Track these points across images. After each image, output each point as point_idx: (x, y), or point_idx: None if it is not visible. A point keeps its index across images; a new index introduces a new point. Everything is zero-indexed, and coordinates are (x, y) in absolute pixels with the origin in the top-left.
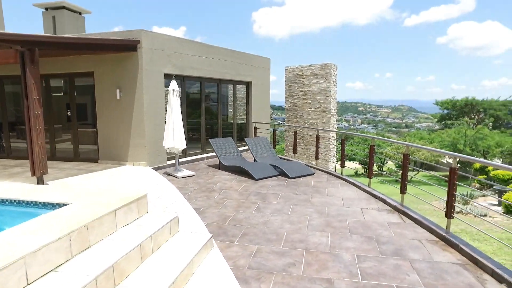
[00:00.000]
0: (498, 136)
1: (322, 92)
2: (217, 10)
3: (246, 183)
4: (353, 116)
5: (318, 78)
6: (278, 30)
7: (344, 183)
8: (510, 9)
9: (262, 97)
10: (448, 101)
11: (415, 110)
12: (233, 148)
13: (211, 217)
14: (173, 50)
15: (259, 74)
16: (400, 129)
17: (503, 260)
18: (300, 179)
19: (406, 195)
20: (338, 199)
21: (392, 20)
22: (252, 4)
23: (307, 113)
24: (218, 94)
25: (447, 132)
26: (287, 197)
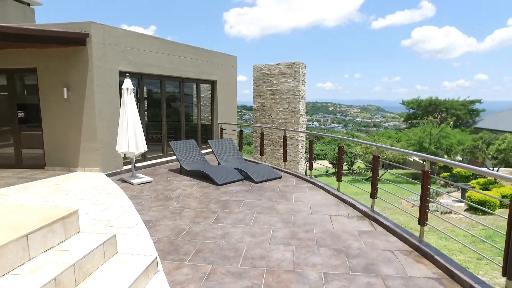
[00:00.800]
0: (459, 134)
1: (290, 92)
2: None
3: (208, 189)
4: (323, 116)
5: (286, 77)
6: (249, 31)
7: (312, 187)
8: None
9: (229, 97)
10: (414, 101)
11: (383, 109)
12: (195, 151)
13: (163, 231)
14: (129, 46)
15: (225, 72)
16: (369, 128)
17: (468, 258)
18: (266, 184)
19: (379, 196)
20: (305, 205)
21: (360, 23)
22: (223, 4)
23: (275, 113)
24: (181, 94)
25: (414, 131)
26: (250, 204)
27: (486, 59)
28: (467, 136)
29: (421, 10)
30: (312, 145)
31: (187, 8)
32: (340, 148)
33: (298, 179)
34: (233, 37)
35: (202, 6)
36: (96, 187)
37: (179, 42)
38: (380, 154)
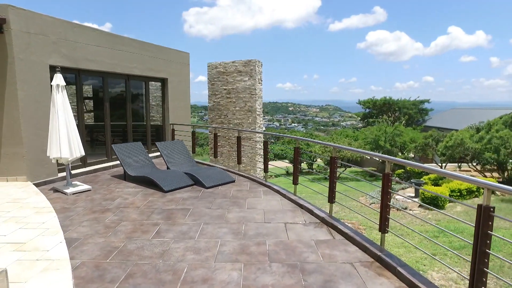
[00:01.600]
0: (411, 132)
1: (247, 90)
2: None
3: (153, 197)
4: (284, 115)
5: (242, 75)
6: (209, 31)
7: (268, 191)
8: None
9: (181, 96)
10: (369, 101)
11: (341, 109)
12: (142, 155)
13: (89, 252)
14: (62, 37)
15: (176, 70)
16: (328, 128)
17: (424, 255)
18: (218, 189)
19: (340, 197)
20: (259, 213)
21: (318, 25)
22: (183, 3)
23: (231, 112)
24: (127, 92)
25: (370, 130)
26: (198, 213)
27: (431, 63)
28: (418, 134)
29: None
30: (267, 146)
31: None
32: (296, 149)
33: (253, 182)
34: (193, 37)
35: (160, 4)
36: (17, 200)
37: None
38: (338, 154)
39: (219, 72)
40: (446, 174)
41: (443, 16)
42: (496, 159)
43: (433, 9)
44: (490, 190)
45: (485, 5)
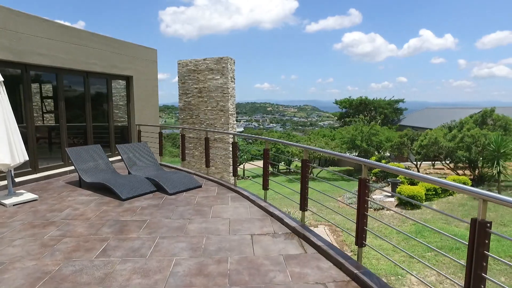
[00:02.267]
0: (387, 131)
1: (219, 89)
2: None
3: (108, 206)
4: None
5: (214, 73)
6: (186, 31)
7: (236, 197)
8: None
9: (148, 95)
10: (346, 101)
11: (318, 109)
12: (101, 159)
13: (11, 281)
14: (4, 27)
15: (143, 67)
16: (306, 128)
17: (402, 257)
18: (182, 195)
19: (316, 202)
20: (224, 222)
21: (295, 26)
22: (159, 2)
23: (203, 112)
24: (86, 90)
25: (346, 130)
26: (156, 224)
27: (404, 64)
28: (394, 133)
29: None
30: (236, 148)
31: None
32: (265, 151)
33: (222, 187)
34: (170, 37)
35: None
36: None
37: None
38: (314, 153)
39: (190, 70)
40: (431, 181)
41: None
42: (468, 157)
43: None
44: (486, 201)
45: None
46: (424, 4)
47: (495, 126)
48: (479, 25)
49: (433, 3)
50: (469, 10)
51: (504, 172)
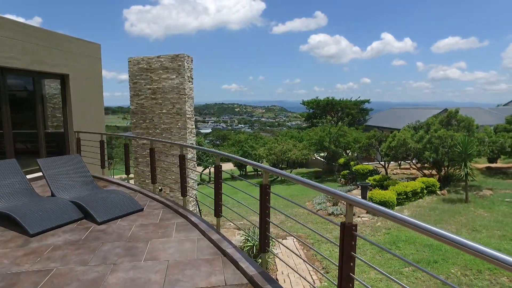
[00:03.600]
0: (354, 132)
1: (174, 90)
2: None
3: (5, 248)
4: (230, 117)
5: (169, 72)
6: (152, 30)
7: (184, 225)
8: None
9: (91, 97)
10: (313, 101)
11: (286, 110)
12: (15, 177)
13: None
14: None
15: (82, 64)
16: (274, 128)
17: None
18: (115, 223)
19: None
20: (159, 269)
21: (263, 27)
22: (123, 1)
23: (158, 116)
24: (1, 90)
25: (314, 131)
26: (63, 278)
27: (368, 65)
28: (361, 134)
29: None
30: (184, 161)
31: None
32: (217, 168)
33: (168, 210)
34: (135, 36)
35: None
36: None
37: None
38: (282, 156)
39: (142, 69)
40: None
41: (377, 23)
42: (435, 158)
43: (368, 16)
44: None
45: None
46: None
47: (459, 127)
48: (434, 30)
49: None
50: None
51: (471, 173)
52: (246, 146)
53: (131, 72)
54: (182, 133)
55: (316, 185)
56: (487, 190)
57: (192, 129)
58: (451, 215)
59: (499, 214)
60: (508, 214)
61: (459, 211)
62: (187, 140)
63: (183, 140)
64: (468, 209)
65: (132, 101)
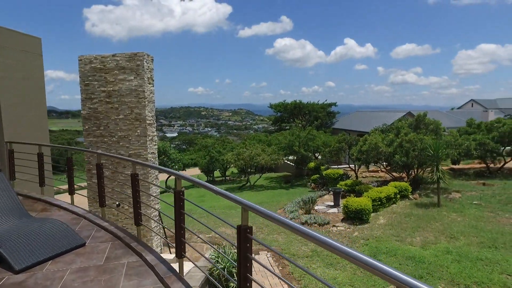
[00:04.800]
0: (323, 136)
1: (133, 93)
2: None
3: None
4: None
5: (126, 73)
6: (115, 31)
7: (137, 266)
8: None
9: (28, 99)
10: (280, 104)
11: (252, 113)
12: None
13: None
14: None
15: (16, 61)
16: (240, 131)
17: None
18: (42, 270)
19: None
20: None
21: (229, 31)
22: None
23: (114, 122)
24: None
25: (283, 135)
26: None
27: (332, 69)
28: (330, 138)
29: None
30: (136, 182)
31: None
32: (177, 193)
33: (119, 243)
34: (97, 37)
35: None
36: None
37: None
38: (251, 161)
39: (95, 69)
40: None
41: (340, 29)
42: (405, 161)
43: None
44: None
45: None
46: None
47: (427, 130)
48: (392, 37)
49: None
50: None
51: (443, 177)
52: (213, 151)
53: (82, 72)
54: (142, 141)
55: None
56: (456, 192)
57: (153, 137)
58: (427, 222)
59: (471, 218)
60: (480, 218)
61: (434, 216)
62: (148, 149)
63: (143, 149)
64: (441, 214)
65: (83, 105)
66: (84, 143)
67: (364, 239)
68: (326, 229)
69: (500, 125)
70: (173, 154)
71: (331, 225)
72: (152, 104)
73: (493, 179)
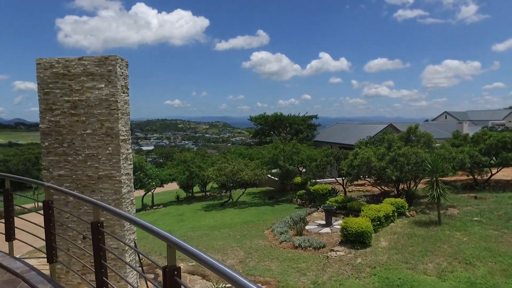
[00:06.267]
0: (307, 149)
1: (103, 103)
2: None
3: None
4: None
5: (96, 80)
6: (90, 42)
7: None
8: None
9: None
10: (261, 117)
11: (230, 125)
12: None
13: None
14: None
15: None
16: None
17: None
18: None
19: None
20: None
21: (206, 44)
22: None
23: (80, 138)
24: None
25: (267, 149)
26: None
27: (308, 82)
28: (314, 151)
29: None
30: (49, 213)
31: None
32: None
33: None
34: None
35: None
36: None
37: None
38: (234, 176)
39: (57, 75)
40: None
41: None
42: (398, 176)
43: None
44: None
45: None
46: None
47: (419, 143)
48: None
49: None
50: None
51: (443, 193)
52: (193, 166)
53: (41, 78)
54: (114, 160)
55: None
56: (452, 208)
57: (128, 155)
58: (433, 244)
59: (478, 239)
60: (487, 238)
61: (439, 237)
62: (121, 169)
63: (116, 170)
64: (445, 233)
65: (42, 117)
66: (43, 163)
67: (370, 267)
68: (323, 253)
69: (486, 137)
70: (150, 170)
71: (327, 248)
72: (127, 117)
73: (483, 192)
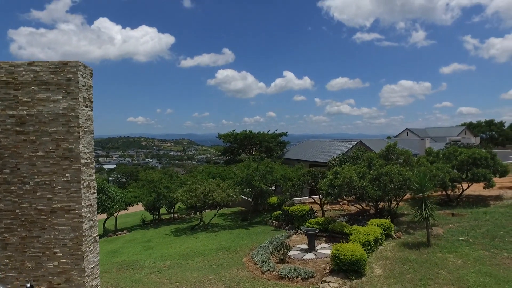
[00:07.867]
0: (281, 169)
1: (60, 119)
2: None
3: None
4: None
5: (50, 90)
6: (47, 55)
7: None
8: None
9: None
10: (230, 134)
11: (195, 142)
12: None
13: None
14: None
15: None
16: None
17: None
18: None
19: None
20: None
21: (171, 61)
22: (9, 21)
23: (28, 162)
24: None
25: (240, 168)
26: None
27: (273, 100)
28: (288, 170)
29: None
30: None
31: None
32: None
33: None
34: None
35: None
36: None
37: None
38: (205, 198)
39: (0, 83)
40: None
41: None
42: (379, 195)
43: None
44: None
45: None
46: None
47: (399, 160)
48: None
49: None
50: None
51: (432, 213)
52: (160, 187)
53: None
54: (73, 189)
55: None
56: (436, 227)
57: (90, 182)
58: (430, 269)
59: (472, 261)
60: (481, 260)
61: (433, 261)
62: (82, 200)
63: (75, 201)
64: (437, 256)
65: None
66: None
67: None
68: (313, 284)
69: (457, 154)
70: (113, 192)
71: (316, 278)
72: (90, 136)
73: (457, 208)
